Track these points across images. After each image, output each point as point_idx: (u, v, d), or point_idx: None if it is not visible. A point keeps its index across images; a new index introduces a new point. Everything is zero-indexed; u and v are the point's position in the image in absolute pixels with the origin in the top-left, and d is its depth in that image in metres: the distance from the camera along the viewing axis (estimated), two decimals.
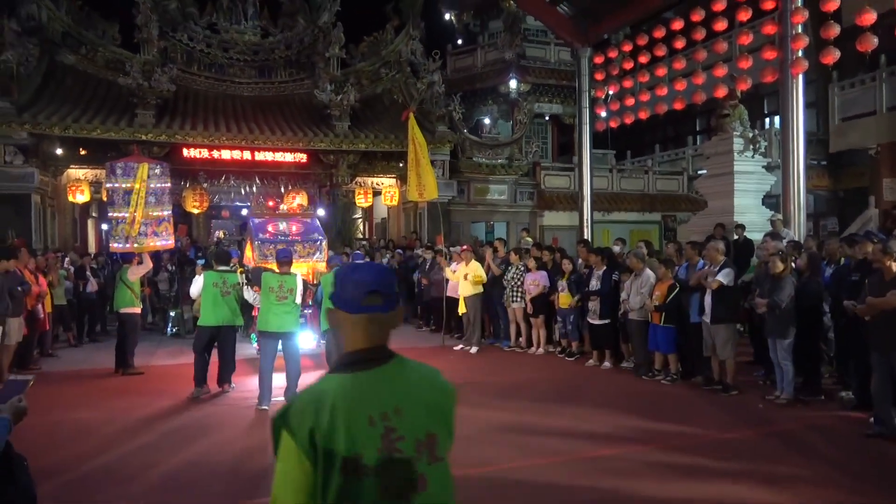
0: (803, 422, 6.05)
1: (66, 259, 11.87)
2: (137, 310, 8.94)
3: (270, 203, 10.90)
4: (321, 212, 15.11)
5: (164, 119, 15.29)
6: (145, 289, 10.94)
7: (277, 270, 7.07)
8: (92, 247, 17.98)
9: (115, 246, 8.93)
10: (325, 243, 9.79)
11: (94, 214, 19.29)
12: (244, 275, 7.75)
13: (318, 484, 1.47)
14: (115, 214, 8.65)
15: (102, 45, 16.78)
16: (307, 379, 7.54)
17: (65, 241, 15.57)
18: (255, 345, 9.55)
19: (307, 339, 8.83)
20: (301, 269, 8.56)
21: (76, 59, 16.46)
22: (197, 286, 7.64)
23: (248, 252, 10.01)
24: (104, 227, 20.12)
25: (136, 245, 8.65)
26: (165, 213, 8.98)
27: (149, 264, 9.16)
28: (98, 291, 11.39)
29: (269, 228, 9.81)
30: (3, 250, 8.18)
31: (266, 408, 6.66)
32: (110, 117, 14.84)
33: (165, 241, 9.17)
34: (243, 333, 9.56)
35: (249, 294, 7.51)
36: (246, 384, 7.72)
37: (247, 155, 15.98)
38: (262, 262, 8.79)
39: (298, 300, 6.98)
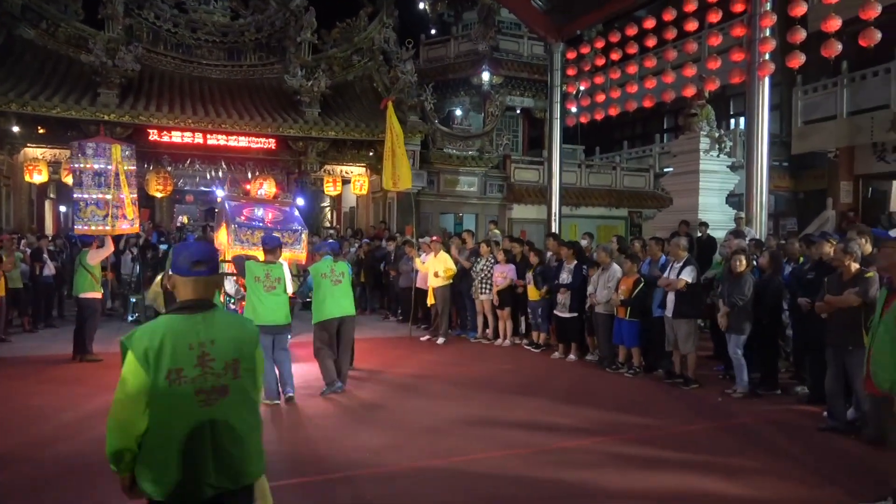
0: (760, 415, 6.21)
1: (23, 241, 11.49)
2: (98, 294, 8.66)
3: (247, 186, 10.43)
4: (300, 200, 14.72)
5: (127, 99, 14.89)
6: (107, 273, 10.63)
7: (261, 259, 6.53)
8: (49, 229, 17.44)
9: (80, 228, 8.55)
10: (305, 234, 9.07)
11: (52, 195, 18.71)
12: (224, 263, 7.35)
13: (150, 385, 2.19)
14: (84, 196, 8.27)
15: (64, 21, 16.22)
16: (303, 370, 7.44)
17: (21, 222, 15.08)
18: None
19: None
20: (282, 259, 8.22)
21: (36, 34, 15.88)
22: None
23: (221, 236, 9.16)
24: (62, 208, 19.56)
25: (109, 228, 8.35)
26: (133, 196, 8.73)
27: (110, 247, 8.86)
28: (55, 275, 11.06)
29: (245, 213, 9.02)
30: None
31: (278, 402, 6.30)
32: (71, 95, 14.38)
33: (132, 224, 8.93)
34: None
35: (231, 285, 7.08)
36: None
37: (213, 139, 15.67)
38: (239, 248, 8.13)
39: (289, 290, 6.57)
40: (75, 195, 8.14)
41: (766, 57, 10.36)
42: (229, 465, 2.27)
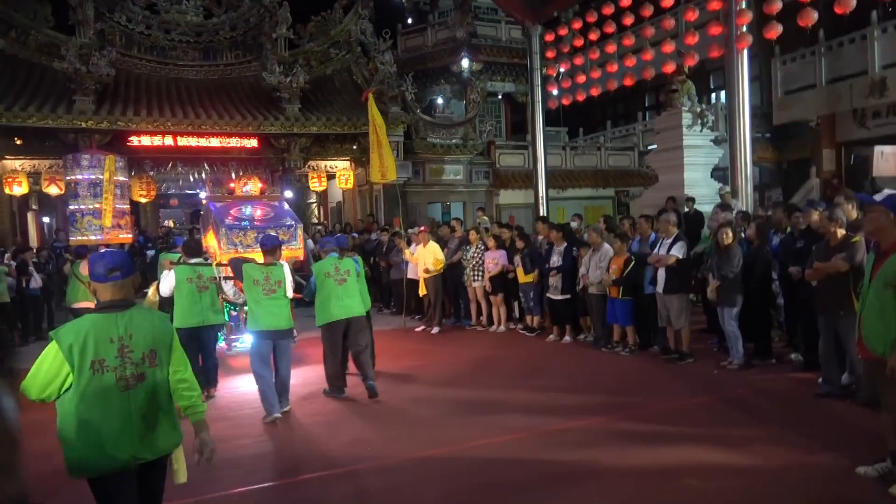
0: (756, 385, 6.26)
1: (6, 255, 11.34)
2: (91, 304, 8.58)
3: (231, 185, 9.92)
4: (289, 194, 14.48)
5: (104, 105, 14.66)
6: None
7: (259, 260, 6.18)
8: (34, 240, 17.21)
9: (76, 238, 8.41)
10: (300, 228, 8.84)
11: (34, 207, 18.44)
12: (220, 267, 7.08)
13: (75, 375, 2.59)
14: (80, 207, 8.18)
15: (34, 28, 15.90)
16: (308, 375, 7.30)
17: (4, 235, 14.86)
18: (223, 343, 8.98)
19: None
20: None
21: (6, 44, 15.57)
22: (168, 283, 6.60)
23: (209, 240, 8.89)
24: (46, 219, 19.33)
25: (104, 237, 8.28)
26: (126, 206, 8.64)
27: None
28: (43, 287, 10.94)
29: (232, 213, 8.68)
30: None
31: (278, 415, 5.79)
32: (46, 104, 14.13)
33: (127, 233, 8.87)
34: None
35: (229, 289, 6.78)
36: (225, 385, 7.10)
37: (194, 141, 15.50)
38: (232, 251, 7.89)
39: (290, 293, 6.21)
40: (71, 206, 8.03)
41: (744, 29, 10.39)
42: (148, 439, 2.71)
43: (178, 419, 2.89)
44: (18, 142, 14.51)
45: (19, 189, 14.66)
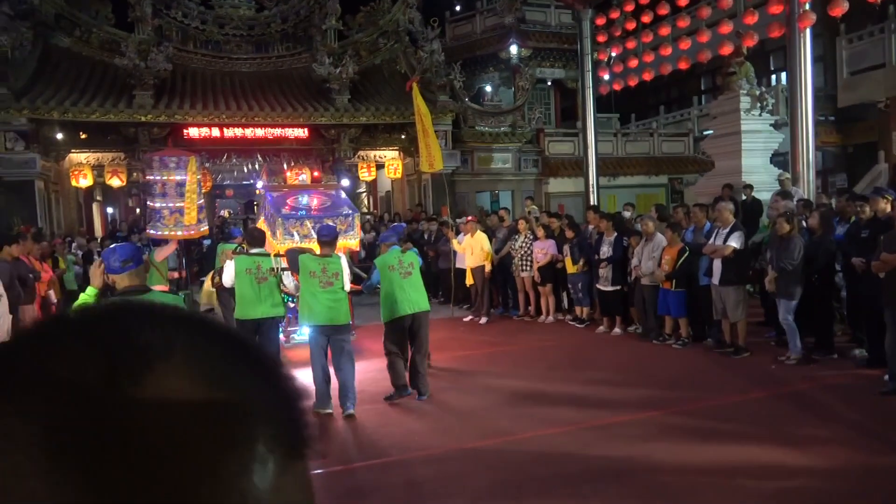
0: (817, 381, 6.03)
1: (74, 244, 11.89)
2: (165, 287, 8.95)
3: (288, 173, 10.05)
4: (346, 182, 14.33)
5: (162, 99, 15.14)
6: (179, 272, 10.80)
7: (316, 251, 6.00)
8: (98, 231, 17.99)
9: (163, 233, 8.71)
10: (357, 218, 8.54)
11: (98, 198, 19.28)
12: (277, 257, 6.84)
13: None
14: (167, 205, 8.52)
15: (96, 26, 16.55)
16: (360, 366, 6.70)
17: (70, 225, 15.59)
18: (281, 335, 8.58)
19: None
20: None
21: (71, 42, 16.25)
22: (229, 274, 6.43)
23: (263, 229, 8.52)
24: (110, 210, 20.17)
25: (188, 233, 8.63)
26: (202, 200, 9.04)
27: (173, 245, 8.99)
28: None
29: (289, 202, 8.47)
30: (8, 237, 8.16)
31: (330, 411, 5.67)
32: (108, 99, 14.70)
33: (205, 226, 9.41)
34: None
35: (289, 281, 6.48)
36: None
37: (248, 132, 15.86)
38: (289, 241, 7.68)
39: (347, 286, 5.93)
40: (157, 203, 8.38)
41: (807, 7, 9.92)
42: None
43: None
44: (83, 136, 15.19)
45: (85, 181, 15.33)
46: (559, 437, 4.92)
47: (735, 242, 6.96)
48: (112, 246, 3.35)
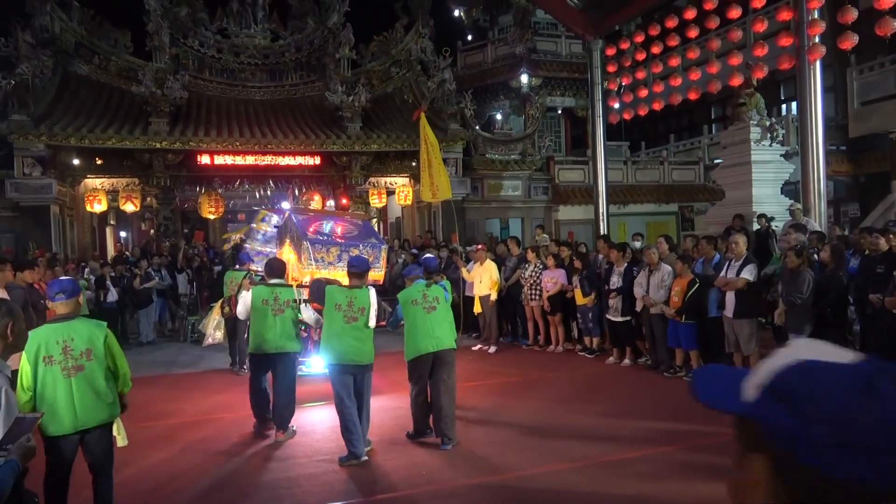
0: None
1: (87, 269, 11.98)
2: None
3: (314, 199, 10.02)
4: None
5: (177, 126, 15.37)
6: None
7: (344, 283, 5.68)
8: (111, 255, 18.15)
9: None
10: (384, 250, 8.04)
11: (111, 222, 19.50)
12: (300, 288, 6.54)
13: (33, 367, 3.66)
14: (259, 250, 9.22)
15: (115, 54, 16.91)
16: (378, 403, 6.32)
17: (84, 249, 15.74)
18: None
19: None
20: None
21: (89, 69, 16.59)
22: (244, 304, 6.17)
23: (284, 255, 8.09)
24: (122, 234, 20.38)
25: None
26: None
27: None
28: (118, 300, 11.49)
29: (313, 227, 7.99)
30: (24, 262, 8.27)
31: (365, 458, 5.21)
32: (124, 126, 14.94)
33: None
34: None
35: (309, 313, 6.00)
36: (305, 423, 6.42)
37: (260, 159, 16.03)
38: (313, 267, 7.26)
39: (372, 323, 5.49)
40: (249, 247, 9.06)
41: (816, 40, 9.95)
42: (87, 410, 3.74)
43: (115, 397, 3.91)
44: (99, 161, 15.41)
45: (99, 206, 15.53)
46: (568, 473, 4.84)
47: (748, 275, 6.91)
48: (53, 280, 4.17)
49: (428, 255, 7.69)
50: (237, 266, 9.13)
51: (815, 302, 6.53)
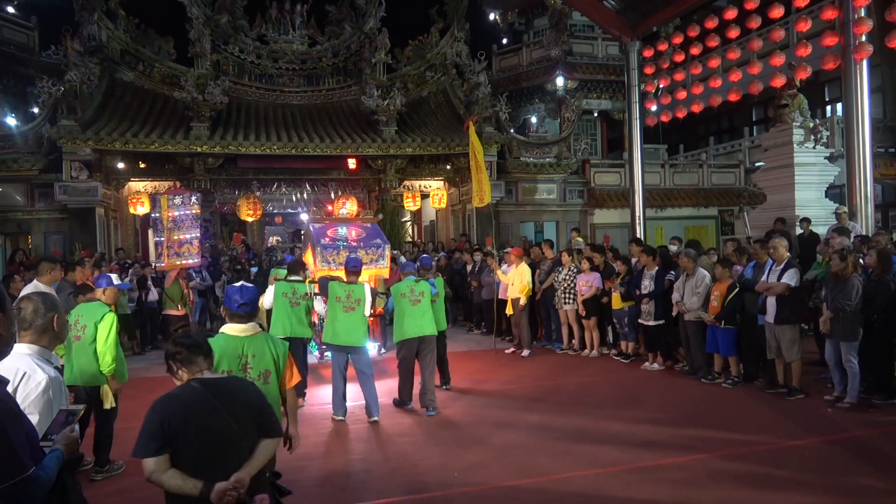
0: (876, 427, 5.73)
1: (131, 270, 12.30)
2: (176, 311, 10.83)
3: (329, 207, 10.97)
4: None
5: (217, 130, 15.69)
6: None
7: (345, 279, 6.80)
8: (153, 257, 18.62)
9: (158, 265, 10.64)
10: (388, 249, 9.54)
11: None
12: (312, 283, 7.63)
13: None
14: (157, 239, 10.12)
15: (158, 61, 17.39)
16: (389, 385, 7.51)
17: (127, 251, 16.17)
18: (316, 353, 9.73)
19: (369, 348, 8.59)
20: (364, 276, 8.05)
21: (134, 76, 17.09)
22: (269, 297, 7.38)
23: (307, 258, 9.77)
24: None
25: (166, 263, 10.43)
26: (187, 236, 10.09)
27: (171, 275, 10.87)
28: (159, 300, 11.78)
29: (329, 233, 9.54)
30: (73, 262, 8.58)
31: (342, 418, 6.54)
32: (167, 131, 15.32)
33: (191, 259, 10.57)
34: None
35: (320, 305, 7.32)
36: (315, 395, 7.66)
37: (297, 163, 16.27)
38: (326, 268, 8.67)
39: (367, 311, 6.60)
40: (157, 238, 9.94)
41: (863, 39, 9.67)
42: (82, 374, 4.94)
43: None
44: (142, 165, 15.86)
45: (142, 209, 15.94)
46: (601, 478, 4.79)
47: (790, 280, 6.73)
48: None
49: (424, 255, 9.36)
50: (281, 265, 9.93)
51: (862, 308, 6.33)
